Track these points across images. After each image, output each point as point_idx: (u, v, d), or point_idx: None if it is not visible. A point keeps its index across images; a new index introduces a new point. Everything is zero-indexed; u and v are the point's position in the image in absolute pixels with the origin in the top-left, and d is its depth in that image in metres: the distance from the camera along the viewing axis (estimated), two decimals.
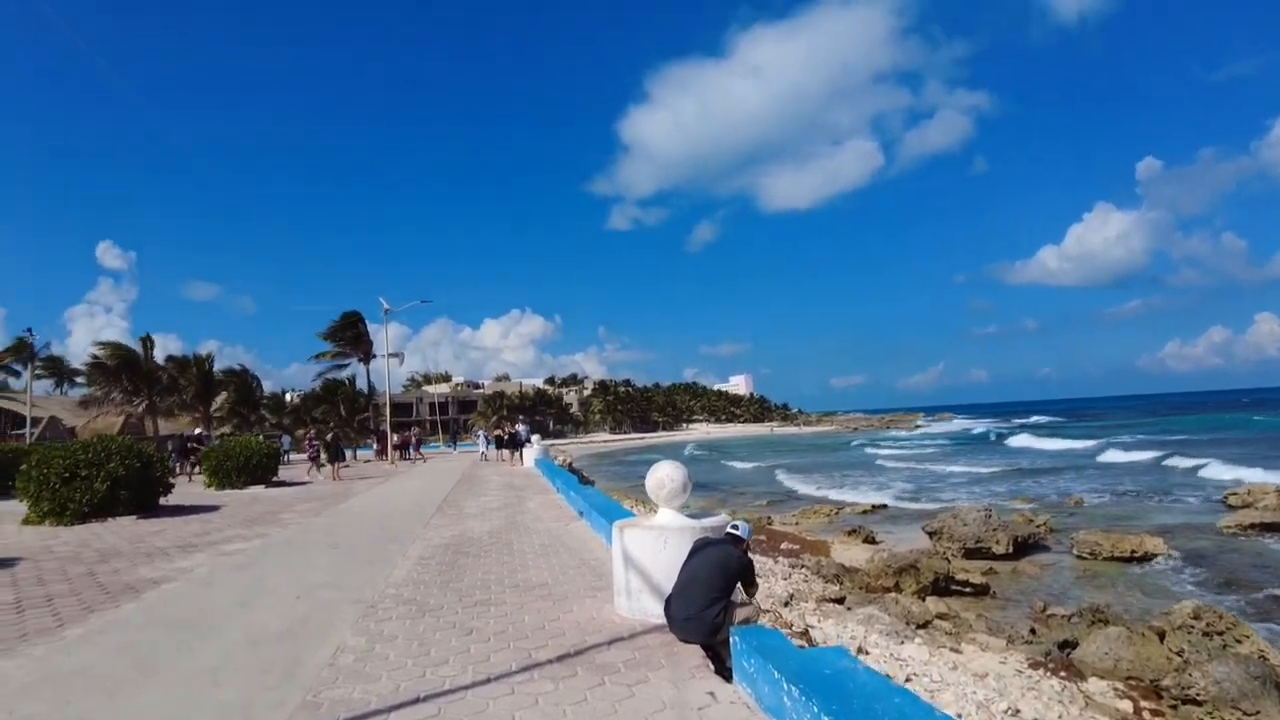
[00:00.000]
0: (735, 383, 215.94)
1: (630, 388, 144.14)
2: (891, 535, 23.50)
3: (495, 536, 10.87)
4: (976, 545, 19.44)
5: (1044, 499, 31.07)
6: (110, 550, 10.52)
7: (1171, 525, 22.92)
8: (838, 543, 21.88)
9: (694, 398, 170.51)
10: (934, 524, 21.13)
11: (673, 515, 5.88)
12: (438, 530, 11.76)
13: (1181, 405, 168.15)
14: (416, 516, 13.59)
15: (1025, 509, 26.70)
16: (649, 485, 5.97)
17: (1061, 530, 22.23)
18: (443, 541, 10.62)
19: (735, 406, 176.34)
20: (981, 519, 20.18)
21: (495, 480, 21.75)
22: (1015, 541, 19.65)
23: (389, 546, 10.34)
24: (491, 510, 14.11)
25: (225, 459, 21.44)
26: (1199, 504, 27.47)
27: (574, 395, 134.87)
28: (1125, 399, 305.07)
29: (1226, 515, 23.22)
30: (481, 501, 15.84)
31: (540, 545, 9.95)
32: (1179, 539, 20.31)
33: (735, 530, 5.47)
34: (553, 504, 14.63)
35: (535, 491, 17.56)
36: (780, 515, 29.08)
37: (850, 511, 29.28)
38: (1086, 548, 19.08)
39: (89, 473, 14.02)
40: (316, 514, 14.66)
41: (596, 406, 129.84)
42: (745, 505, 33.64)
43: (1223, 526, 21.69)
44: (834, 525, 26.02)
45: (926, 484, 40.19)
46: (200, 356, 46.55)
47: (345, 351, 47.85)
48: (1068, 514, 26.44)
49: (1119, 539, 19.16)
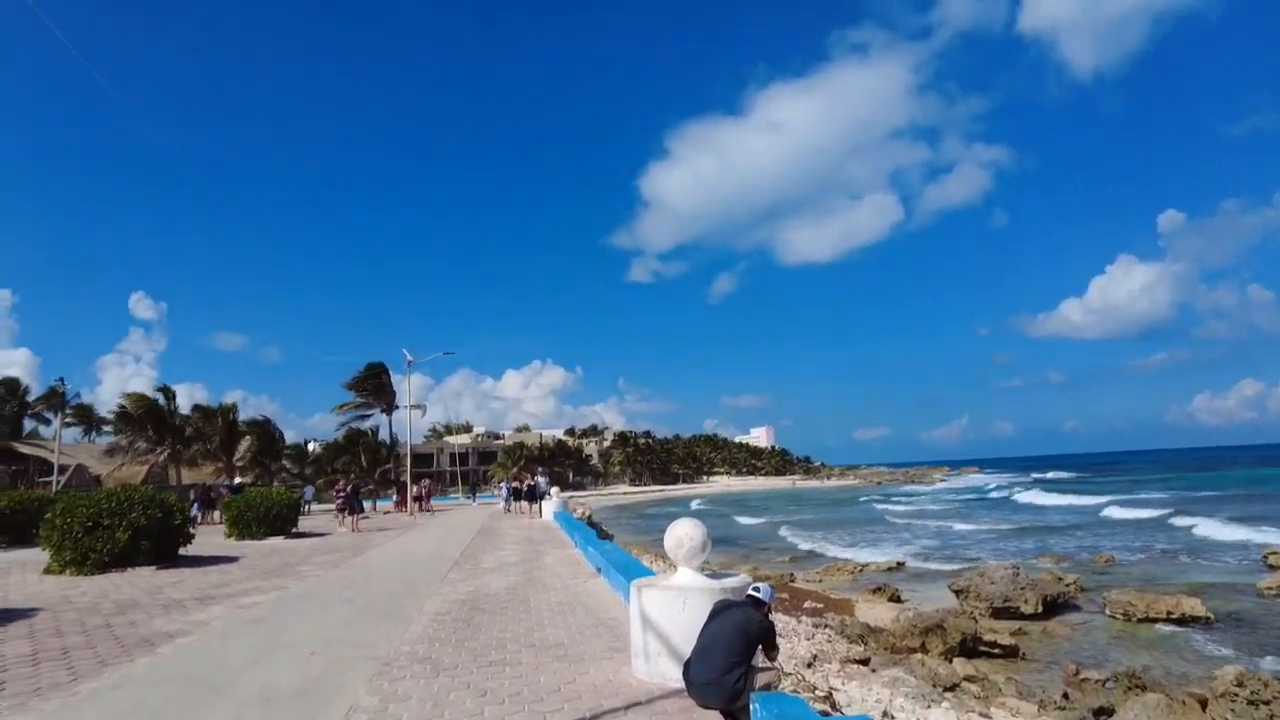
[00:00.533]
0: (756, 435, 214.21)
1: (650, 439, 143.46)
2: (917, 593, 22.96)
3: (512, 593, 10.73)
4: (1005, 604, 18.93)
5: (1073, 556, 30.27)
6: (128, 602, 10.50)
7: (1209, 585, 22.20)
8: (862, 601, 21.40)
9: (715, 450, 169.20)
10: (960, 582, 20.63)
11: (692, 575, 5.78)
12: (454, 585, 11.64)
13: (1210, 460, 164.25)
14: (434, 571, 13.48)
15: (1054, 567, 26.03)
16: (667, 544, 5.88)
17: (1092, 589, 21.62)
18: (459, 597, 10.50)
19: (756, 459, 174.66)
20: (1009, 577, 19.68)
21: (513, 533, 21.57)
22: (1045, 600, 19.13)
23: (405, 601, 10.23)
24: (509, 565, 13.96)
25: (246, 509, 21.49)
26: (1236, 563, 26.65)
27: (594, 446, 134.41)
28: (1154, 453, 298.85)
29: (1267, 576, 22.49)
30: (499, 556, 15.69)
31: (557, 603, 9.80)
32: (1217, 600, 19.66)
33: (756, 592, 5.35)
34: (571, 559, 14.45)
35: (553, 546, 17.38)
36: (804, 573, 28.56)
37: (874, 569, 28.67)
38: (1120, 608, 18.52)
39: (111, 522, 14.08)
40: (335, 566, 14.59)
41: (616, 458, 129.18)
42: (767, 562, 33.07)
43: (1264, 588, 20.98)
44: (858, 583, 25.48)
45: (950, 540, 39.35)
46: (224, 406, 47.12)
47: (369, 402, 48.19)
48: (1098, 572, 25.73)
49: (1154, 599, 18.58)
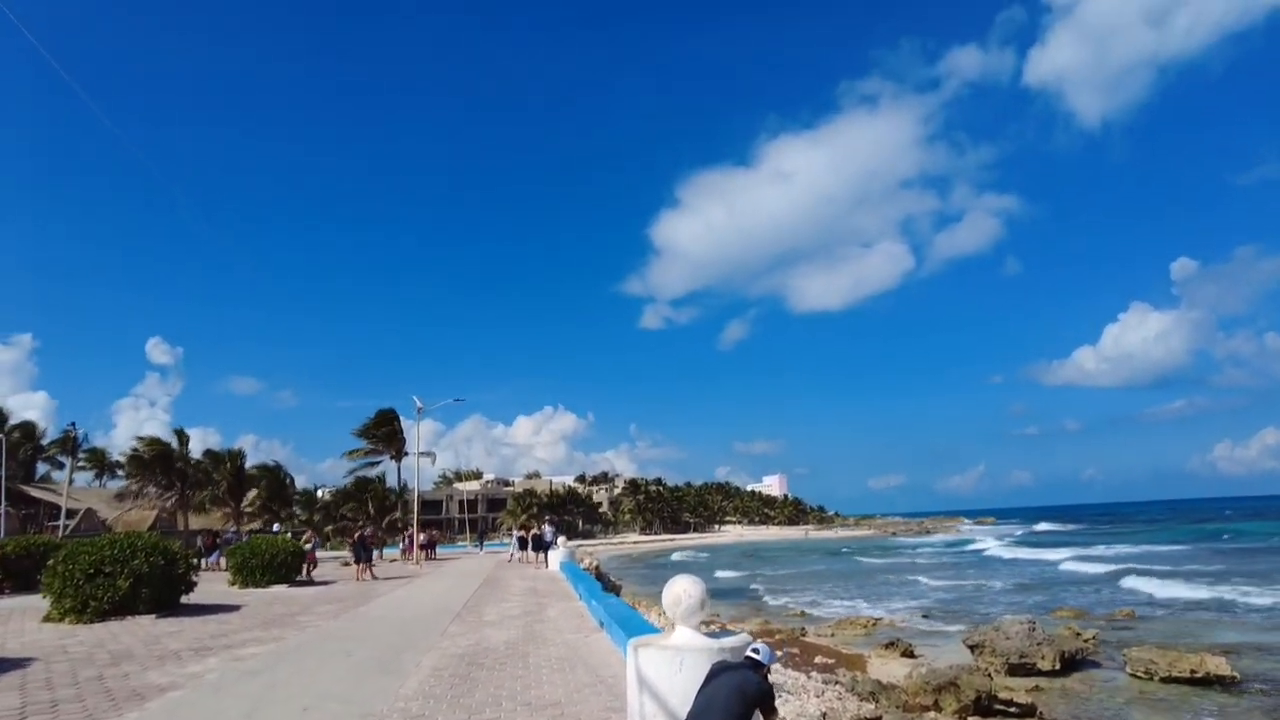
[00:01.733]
0: (769, 483, 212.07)
1: (661, 487, 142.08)
2: (931, 648, 22.41)
3: (511, 648, 10.52)
4: (1021, 660, 18.42)
5: (1091, 610, 29.54)
6: (124, 652, 10.35)
7: (1236, 644, 21.56)
8: (874, 656, 20.89)
9: (726, 498, 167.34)
10: (975, 636, 20.12)
11: (690, 634, 5.61)
12: (454, 639, 11.43)
13: (1229, 510, 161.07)
14: (435, 623, 13.26)
15: (1072, 622, 25.36)
16: (665, 601, 5.73)
17: (1112, 645, 21.03)
18: (459, 651, 10.30)
19: (769, 508, 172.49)
20: (1025, 632, 19.19)
21: (518, 584, 21.28)
22: (1062, 657, 18.60)
23: (404, 655, 10.05)
24: (511, 618, 13.72)
25: (250, 557, 21.33)
26: (1262, 620, 25.89)
27: (604, 494, 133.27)
28: (1174, 502, 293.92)
29: None
30: (502, 608, 15.44)
31: (557, 659, 9.59)
32: (1245, 659, 19.07)
33: (755, 654, 5.16)
34: (574, 613, 14.20)
35: (558, 598, 17.10)
36: (815, 627, 27.96)
37: (887, 624, 28.05)
38: (1141, 665, 17.95)
39: (113, 569, 13.99)
40: (335, 617, 14.39)
41: (627, 506, 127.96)
42: (779, 614, 32.46)
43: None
44: (872, 638, 24.90)
45: (965, 593, 38.56)
46: (232, 452, 47.18)
47: (378, 449, 48.16)
48: (1119, 627, 25.07)
49: (1177, 657, 17.99)
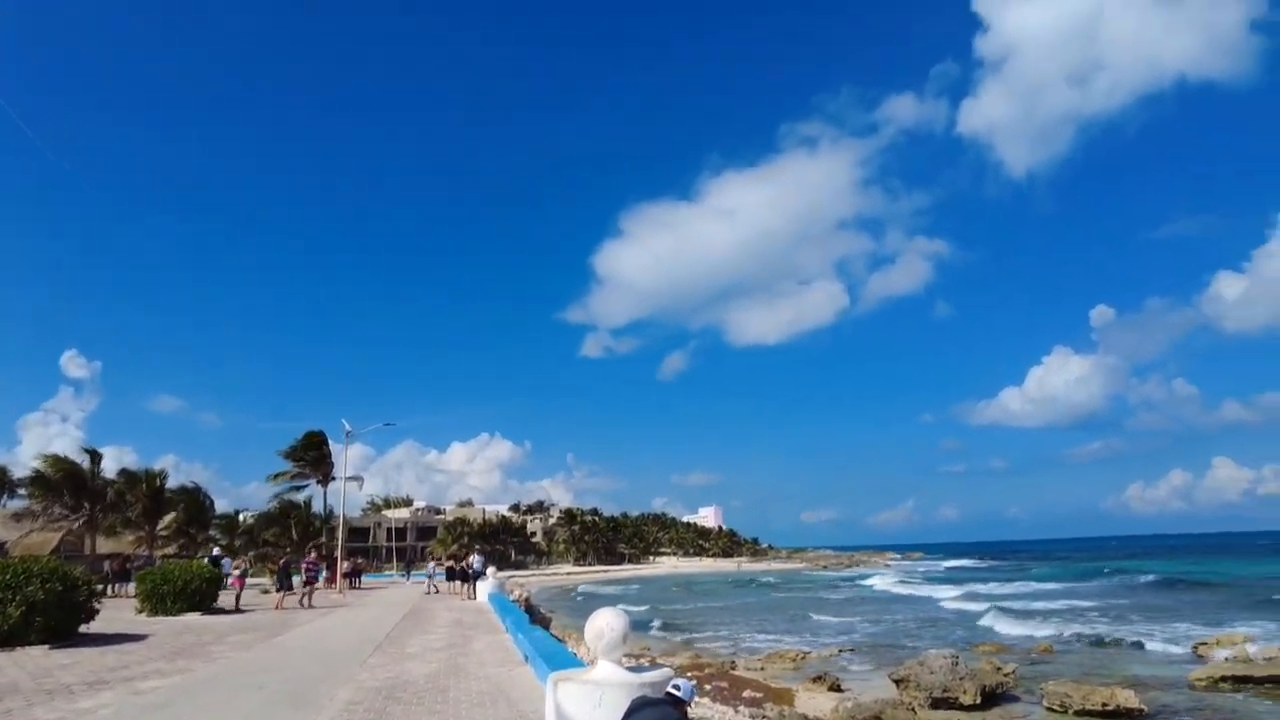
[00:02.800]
0: (705, 514, 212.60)
1: (597, 517, 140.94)
2: (858, 682, 22.59)
3: (432, 681, 10.20)
4: (944, 694, 18.69)
5: (1012, 645, 30.25)
6: (8, 687, 9.68)
7: (1143, 677, 22.31)
8: (802, 690, 20.95)
9: (662, 529, 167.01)
10: (900, 671, 20.36)
11: (611, 669, 5.52)
12: (373, 671, 11.04)
13: (1126, 549, 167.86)
14: (354, 654, 12.81)
15: (993, 656, 25.89)
16: (587, 635, 5.64)
17: (1031, 679, 21.52)
18: (376, 684, 9.94)
19: (704, 540, 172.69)
20: (948, 666, 19.50)
21: (444, 616, 20.75)
22: (983, 691, 18.94)
23: (318, 688, 9.65)
24: (434, 650, 13.34)
25: (162, 583, 20.30)
26: (1167, 654, 26.88)
27: (539, 524, 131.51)
28: (1093, 540, 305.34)
29: (1197, 667, 22.70)
30: (425, 640, 15.02)
31: (478, 693, 9.33)
32: (1151, 692, 19.70)
33: (676, 690, 5.10)
34: (500, 645, 13.89)
35: (484, 630, 16.72)
36: (745, 660, 27.93)
37: (816, 657, 28.21)
38: (1057, 699, 18.42)
39: (3, 596, 13.14)
40: (249, 648, 13.78)
41: (561, 536, 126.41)
42: (710, 649, 32.33)
43: (1194, 680, 21.12)
44: (801, 671, 25.00)
45: (893, 627, 39.10)
46: (152, 472, 45.11)
47: (305, 472, 46.68)
48: (1036, 662, 25.72)
49: (1090, 691, 18.52)
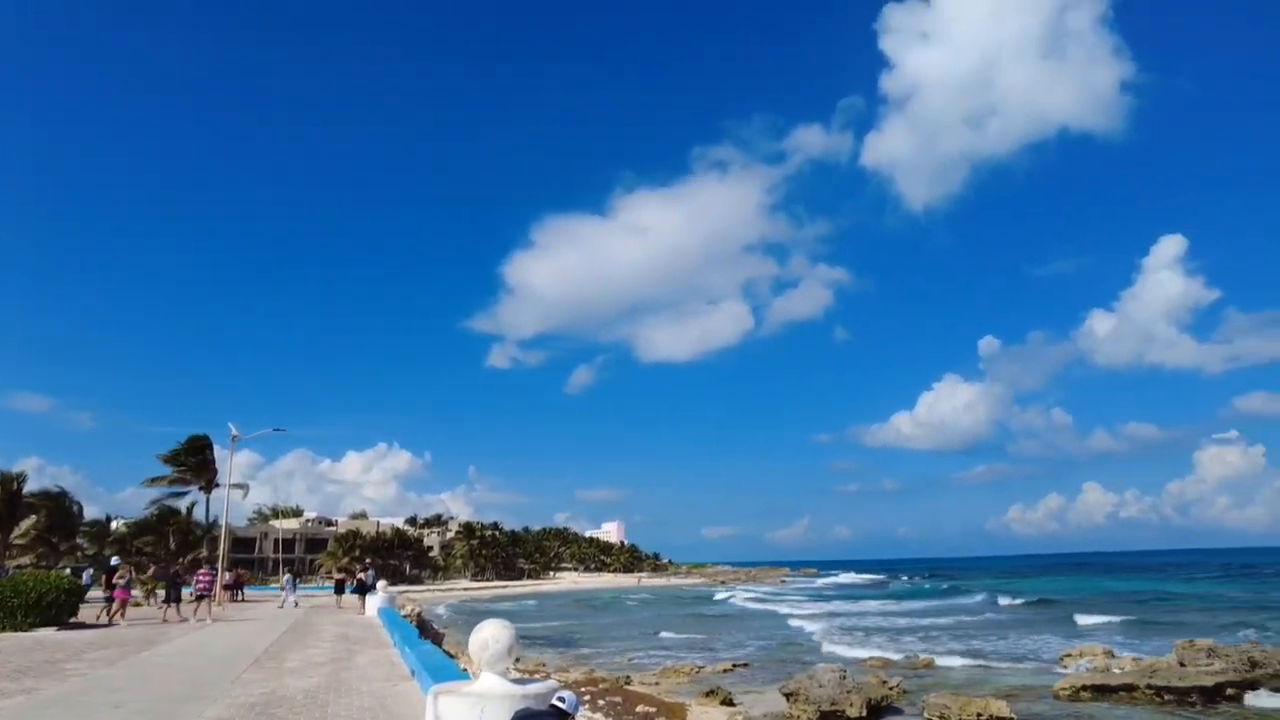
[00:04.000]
0: (607, 529, 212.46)
1: (498, 531, 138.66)
2: (750, 695, 22.89)
3: (311, 697, 9.74)
4: (832, 708, 19.14)
5: (897, 658, 31.34)
6: None
7: (1016, 686, 23.45)
8: (695, 704, 21.04)
9: (564, 544, 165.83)
10: (791, 685, 20.74)
11: (495, 681, 5.40)
12: (248, 687, 10.46)
13: (1002, 568, 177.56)
14: (227, 670, 12.10)
15: (880, 670, 26.73)
16: (471, 647, 5.52)
17: (914, 692, 22.29)
18: (250, 700, 9.42)
19: (606, 555, 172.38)
20: (836, 680, 19.99)
21: (330, 630, 19.91)
22: (869, 704, 19.49)
23: (185, 706, 9.07)
24: (316, 665, 12.76)
25: (12, 595, 18.69)
26: (1036, 666, 28.38)
27: (436, 537, 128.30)
28: (979, 559, 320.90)
29: (1063, 678, 24.03)
30: (307, 654, 14.35)
31: (360, 708, 8.96)
32: (1021, 702, 20.72)
33: (561, 703, 5.03)
34: (387, 660, 13.42)
35: (371, 645, 16.12)
36: (640, 674, 27.90)
37: (711, 671, 28.45)
38: (937, 711, 19.12)
39: None
40: (110, 664, 12.82)
41: (459, 550, 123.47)
42: (606, 663, 32.15)
43: (1058, 689, 22.36)
44: (694, 685, 25.13)
45: (788, 642, 39.90)
46: (8, 475, 41.68)
47: (186, 478, 44.16)
48: (919, 675, 26.68)
49: (966, 702, 19.32)
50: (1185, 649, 23.99)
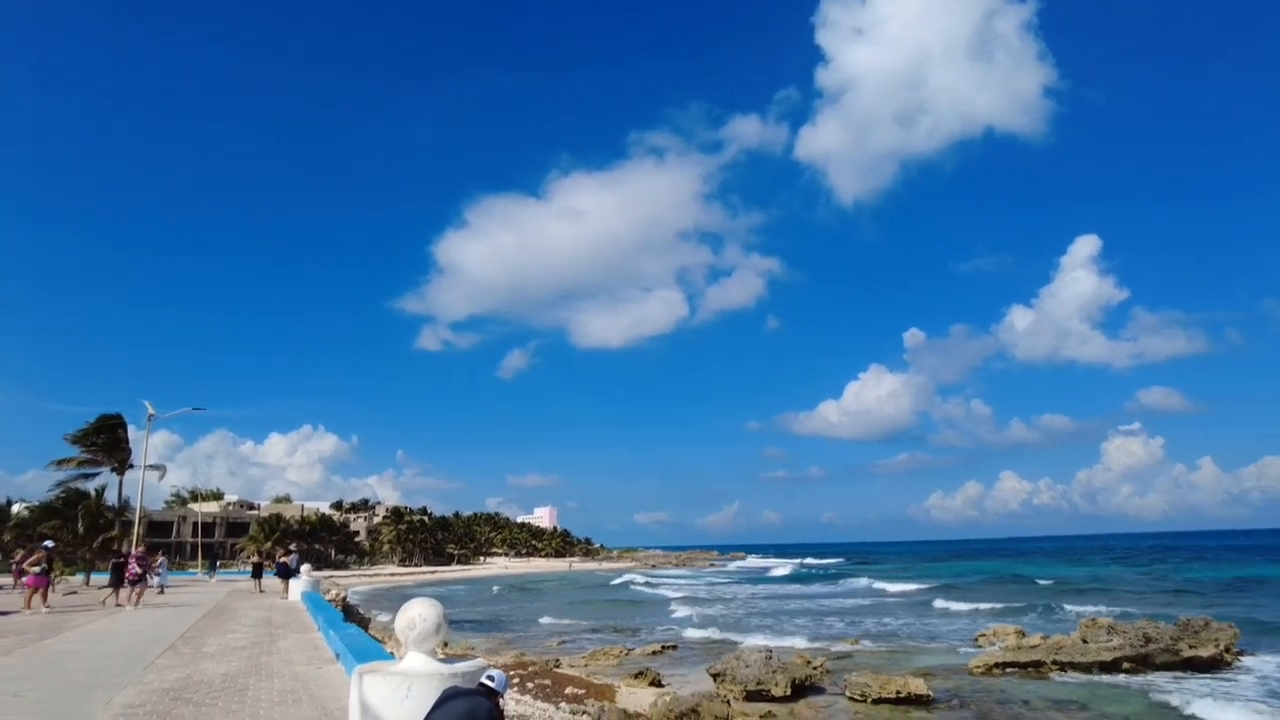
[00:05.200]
0: (540, 515, 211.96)
1: (427, 516, 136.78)
2: (678, 677, 23.21)
3: (230, 681, 9.46)
4: (758, 687, 19.58)
5: (822, 638, 32.21)
6: None
7: (932, 666, 24.39)
8: (624, 686, 21.24)
9: (495, 530, 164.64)
10: (718, 666, 21.14)
11: (422, 660, 5.34)
12: (161, 673, 10.09)
13: (922, 553, 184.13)
14: (139, 656, 11.64)
15: (804, 650, 27.43)
16: (398, 626, 5.43)
17: (837, 671, 22.95)
18: (164, 686, 9.09)
19: (537, 540, 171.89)
20: (762, 661, 20.45)
21: (251, 615, 19.36)
22: (793, 683, 19.99)
23: (92, 694, 8.68)
24: (235, 650, 12.39)
25: None
26: (952, 645, 29.55)
27: (363, 522, 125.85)
28: (898, 544, 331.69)
29: (977, 655, 25.07)
30: (226, 639, 13.92)
31: (281, 692, 8.75)
32: (938, 679, 21.56)
33: (490, 681, 4.99)
34: (310, 644, 13.12)
35: (294, 629, 15.74)
36: (569, 657, 28.01)
37: (640, 653, 28.73)
38: (858, 689, 19.72)
39: None
40: (7, 653, 12.18)
41: (387, 535, 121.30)
42: (535, 646, 32.17)
43: (973, 667, 23.34)
44: (623, 667, 25.35)
45: (713, 622, 40.56)
46: None
47: (97, 459, 42.01)
48: (842, 656, 27.47)
49: (886, 680, 19.98)
50: (1088, 627, 25.27)
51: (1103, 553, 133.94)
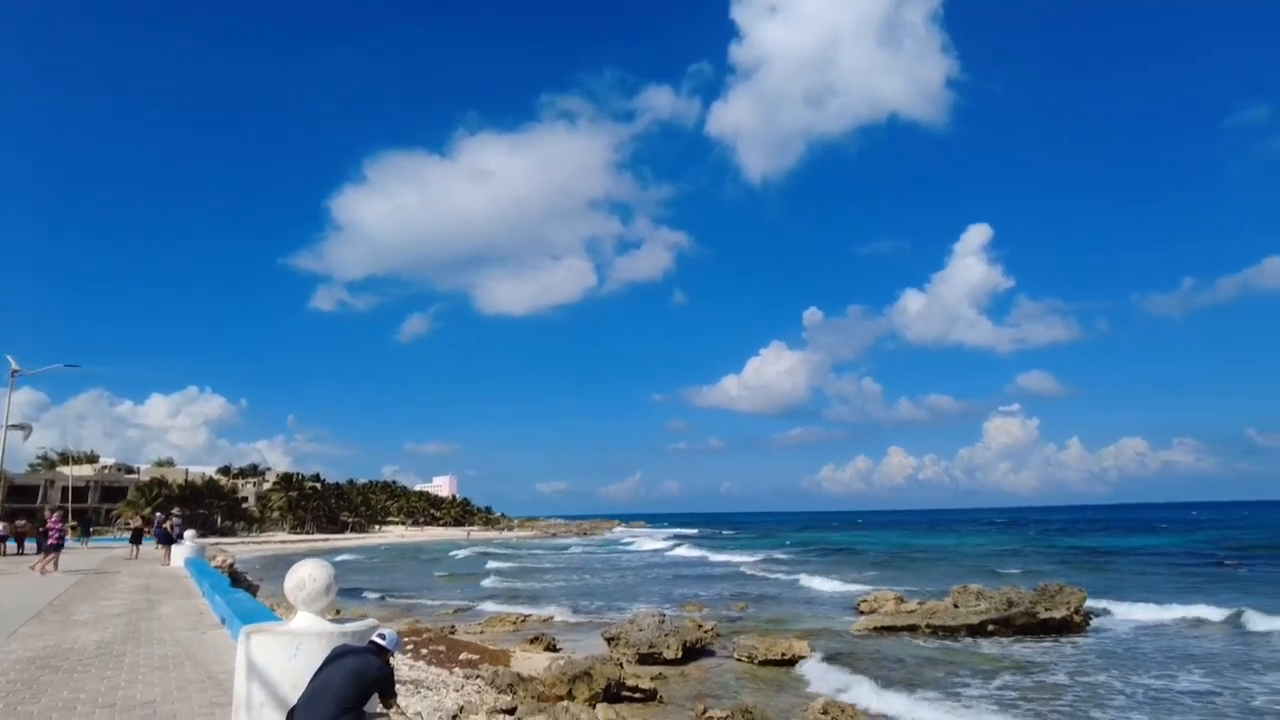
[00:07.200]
0: (439, 484, 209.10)
1: (320, 483, 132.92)
2: (573, 642, 23.58)
3: (105, 648, 9.11)
4: (650, 650, 20.12)
5: (714, 603, 33.30)
6: None
7: (816, 629, 25.61)
8: (519, 651, 21.44)
9: (392, 498, 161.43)
10: (612, 630, 21.59)
11: (311, 619, 5.33)
12: (26, 640, 9.61)
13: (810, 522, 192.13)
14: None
15: (696, 615, 28.30)
16: (288, 586, 5.39)
17: (727, 635, 23.80)
18: (29, 654, 8.67)
19: (436, 509, 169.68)
20: (655, 625, 21.01)
21: (128, 582, 18.51)
22: (685, 646, 20.63)
23: None
24: (111, 616, 11.89)
25: None
26: (836, 611, 31.09)
27: (252, 488, 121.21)
28: (792, 514, 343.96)
29: (858, 619, 26.48)
30: (101, 606, 13.31)
31: (162, 657, 8.50)
32: (821, 641, 22.68)
33: (381, 639, 5.05)
34: (194, 610, 12.72)
35: (177, 595, 15.18)
36: (465, 625, 28.00)
37: (537, 620, 29.00)
38: (745, 651, 20.55)
39: None
40: None
41: (277, 502, 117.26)
42: (432, 614, 31.94)
43: (854, 630, 24.67)
44: (519, 634, 25.55)
45: (612, 589, 41.26)
46: None
47: None
48: (733, 619, 28.51)
49: (772, 642, 20.90)
50: (960, 593, 27.03)
51: (979, 524, 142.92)
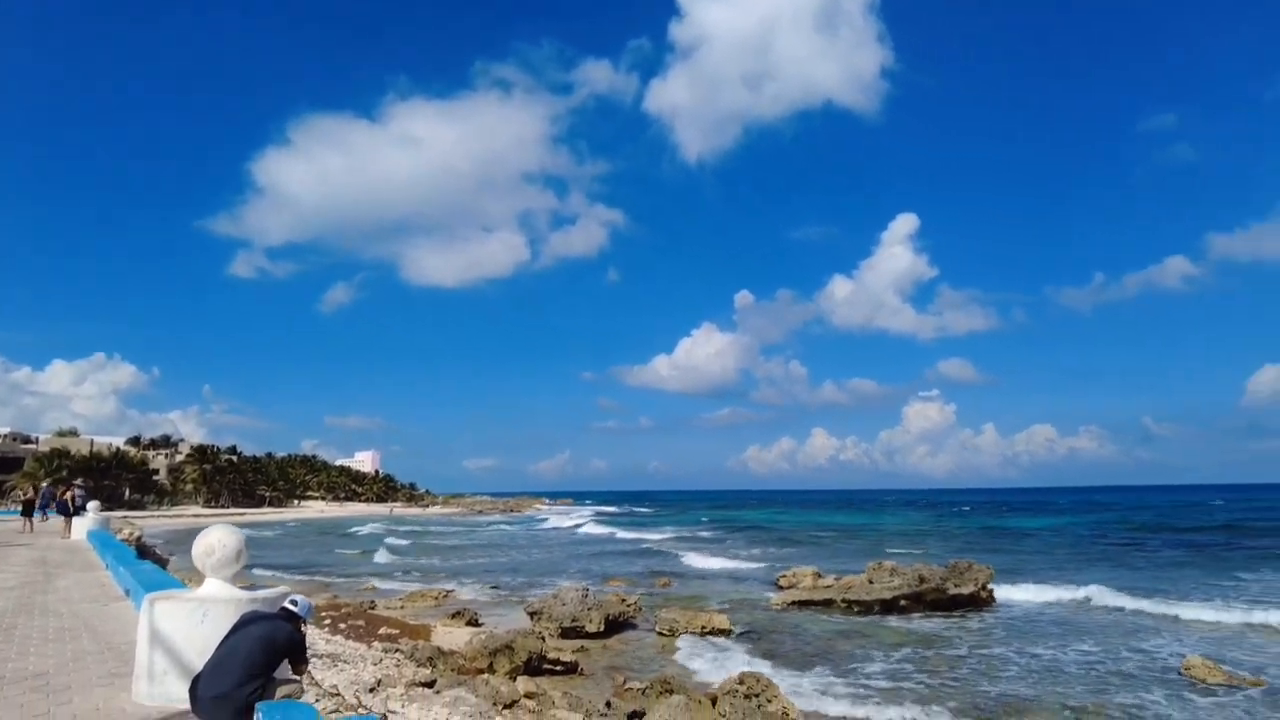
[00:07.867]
0: (361, 459, 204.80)
1: (236, 456, 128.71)
2: (496, 617, 23.56)
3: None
4: (573, 624, 20.26)
5: (638, 579, 33.68)
6: None
7: (737, 602, 26.22)
8: (440, 625, 21.30)
9: (311, 472, 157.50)
10: (535, 604, 21.66)
11: (220, 585, 5.20)
12: None
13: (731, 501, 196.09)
14: None
15: (620, 589, 28.58)
16: (196, 552, 5.25)
17: (649, 609, 24.14)
18: None
19: (358, 484, 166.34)
20: (579, 599, 21.15)
21: (22, 555, 17.62)
22: (607, 620, 20.85)
23: None
24: (2, 590, 11.32)
25: None
26: (756, 585, 31.86)
27: (163, 460, 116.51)
28: (717, 492, 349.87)
29: (777, 594, 27.19)
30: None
31: (57, 629, 8.15)
32: (740, 614, 23.24)
33: (293, 605, 4.96)
34: (95, 582, 12.20)
35: (76, 569, 14.53)
36: (385, 600, 27.63)
37: (459, 596, 28.84)
38: (667, 625, 20.90)
39: None
40: None
41: (190, 475, 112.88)
42: (350, 588, 31.39)
43: (774, 604, 25.34)
44: (441, 609, 25.37)
45: (535, 564, 41.31)
46: None
47: None
48: (656, 593, 28.92)
49: (694, 616, 21.32)
50: (874, 570, 27.99)
51: (896, 504, 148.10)
